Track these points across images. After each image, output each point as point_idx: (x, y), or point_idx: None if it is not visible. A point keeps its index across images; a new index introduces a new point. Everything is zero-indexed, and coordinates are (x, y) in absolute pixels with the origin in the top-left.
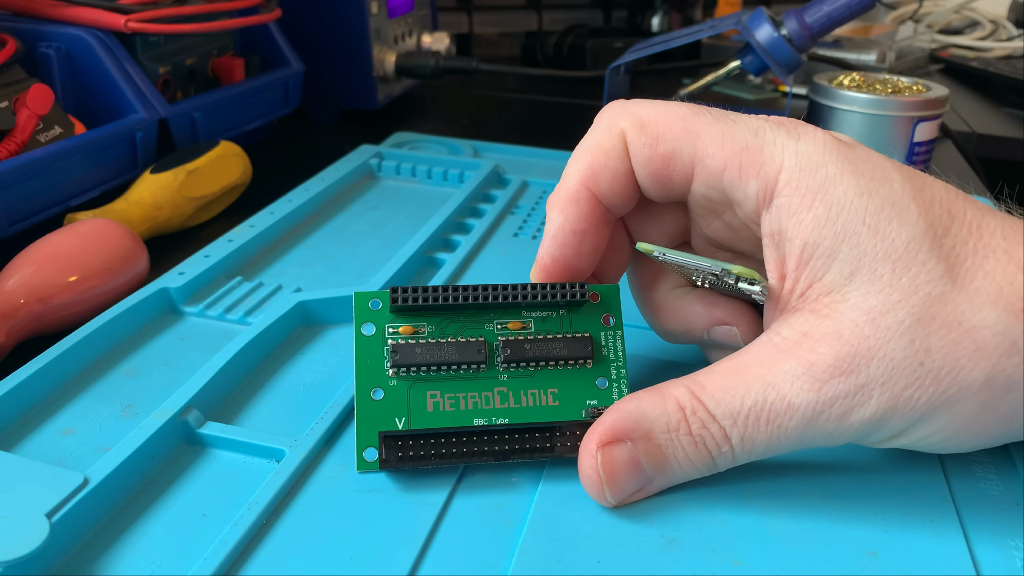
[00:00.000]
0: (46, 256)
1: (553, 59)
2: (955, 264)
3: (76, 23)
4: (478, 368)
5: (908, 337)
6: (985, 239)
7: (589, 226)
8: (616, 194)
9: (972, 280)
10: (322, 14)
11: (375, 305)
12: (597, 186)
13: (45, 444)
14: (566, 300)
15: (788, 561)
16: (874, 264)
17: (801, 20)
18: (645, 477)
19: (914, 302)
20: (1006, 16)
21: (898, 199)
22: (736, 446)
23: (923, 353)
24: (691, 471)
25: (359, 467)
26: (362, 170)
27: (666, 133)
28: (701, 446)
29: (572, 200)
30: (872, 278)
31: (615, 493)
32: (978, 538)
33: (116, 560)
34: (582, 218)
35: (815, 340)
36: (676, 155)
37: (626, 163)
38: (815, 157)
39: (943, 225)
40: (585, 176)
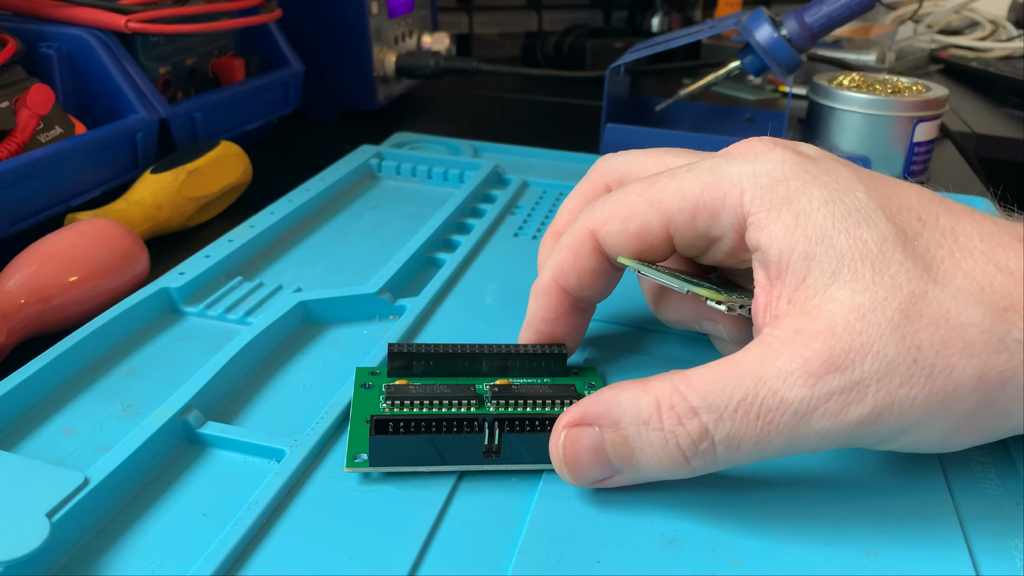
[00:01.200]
0: (47, 256)
1: (553, 59)
2: (932, 265)
3: (76, 23)
4: (468, 404)
5: (899, 334)
6: (961, 242)
7: (559, 315)
8: (584, 287)
9: (952, 280)
10: (322, 14)
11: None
12: (566, 281)
13: (45, 444)
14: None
15: (788, 561)
16: (854, 263)
17: (801, 20)
18: (610, 466)
19: (900, 299)
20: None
21: (863, 206)
22: (719, 444)
23: (915, 350)
24: (660, 469)
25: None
26: (362, 170)
27: (630, 214)
28: (672, 444)
29: (543, 292)
30: (855, 277)
31: (574, 475)
32: (978, 538)
33: (116, 560)
34: (551, 309)
35: (808, 337)
36: (647, 226)
37: (595, 260)
38: (774, 174)
39: (914, 230)
40: (556, 272)
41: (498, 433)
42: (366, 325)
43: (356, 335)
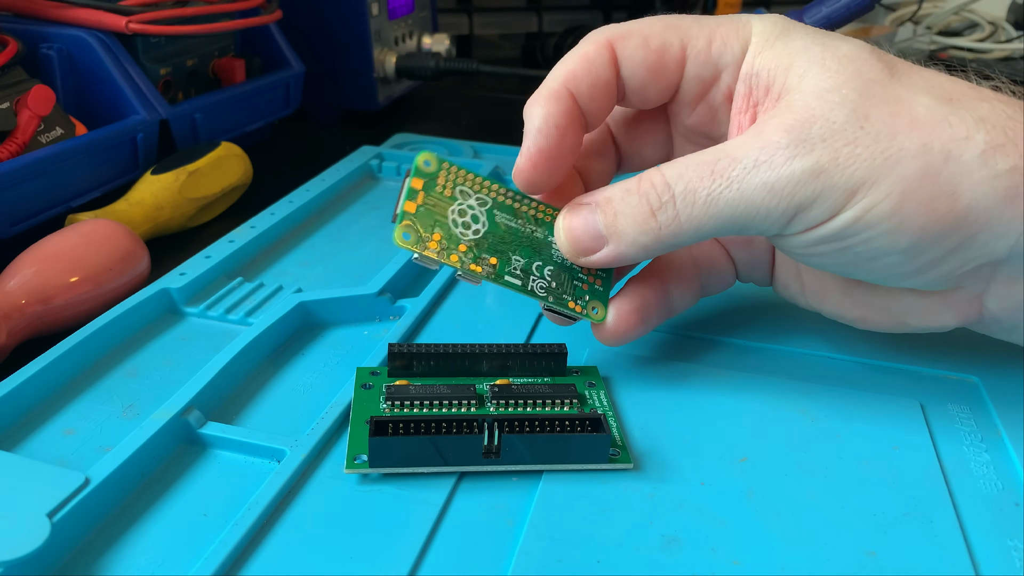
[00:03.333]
0: (47, 257)
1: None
2: (893, 68)
3: (77, 24)
4: (468, 404)
5: (850, 107)
6: (916, 71)
7: (569, 123)
8: (594, 98)
9: (910, 79)
10: (323, 15)
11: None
12: (578, 88)
13: (46, 444)
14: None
15: (787, 561)
16: (824, 61)
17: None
18: (599, 235)
19: (859, 83)
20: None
21: (842, 39)
22: (678, 197)
23: (863, 119)
24: (636, 230)
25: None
26: (363, 171)
27: (652, 32)
28: (643, 201)
29: (554, 98)
30: (822, 69)
31: (570, 244)
32: (977, 538)
33: (117, 560)
34: (563, 115)
35: (769, 118)
36: (667, 46)
37: (609, 71)
38: (775, 20)
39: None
40: (567, 78)
41: (497, 434)
42: (366, 325)
43: (356, 335)
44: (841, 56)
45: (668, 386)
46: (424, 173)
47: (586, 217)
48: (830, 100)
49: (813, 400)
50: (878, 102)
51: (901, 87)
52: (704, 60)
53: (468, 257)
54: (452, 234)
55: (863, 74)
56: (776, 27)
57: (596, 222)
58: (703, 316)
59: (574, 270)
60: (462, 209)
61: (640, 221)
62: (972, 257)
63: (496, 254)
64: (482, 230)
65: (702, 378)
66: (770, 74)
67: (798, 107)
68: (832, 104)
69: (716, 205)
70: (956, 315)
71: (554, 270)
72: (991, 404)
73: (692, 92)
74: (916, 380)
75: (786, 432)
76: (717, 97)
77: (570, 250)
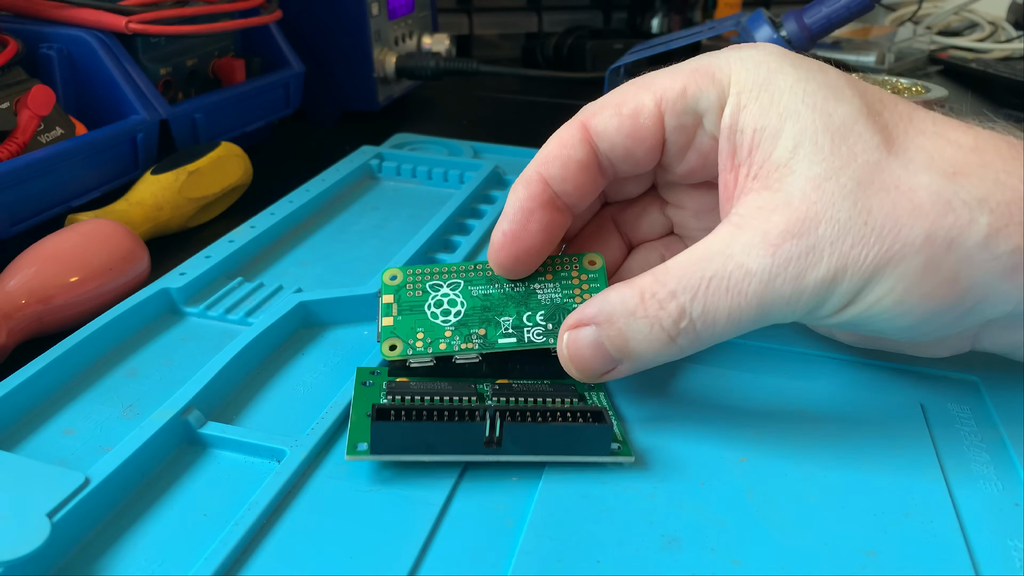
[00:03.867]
0: (47, 257)
1: (553, 60)
2: (889, 136)
3: (77, 24)
4: (470, 399)
5: (851, 200)
6: (916, 124)
7: (536, 205)
8: (567, 179)
9: (906, 151)
10: (323, 15)
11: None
12: (548, 171)
13: (46, 444)
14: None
15: (787, 561)
16: (815, 136)
17: (800, 21)
18: (609, 358)
19: (854, 168)
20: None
21: (834, 84)
22: (697, 319)
23: (866, 213)
24: (654, 353)
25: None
26: (362, 171)
27: (623, 98)
28: (657, 327)
29: (524, 183)
30: (815, 149)
31: (580, 371)
32: (977, 538)
33: (117, 560)
34: (530, 198)
35: (768, 211)
36: (640, 107)
37: (581, 150)
38: (757, 58)
39: (877, 108)
40: (539, 163)
41: (499, 423)
42: (366, 325)
43: (356, 335)
44: (834, 130)
45: (668, 386)
46: (392, 287)
47: (593, 342)
48: (829, 190)
49: (813, 400)
50: (878, 190)
51: (900, 166)
52: (681, 109)
53: (456, 340)
54: (434, 326)
55: (859, 156)
56: (759, 71)
57: (604, 345)
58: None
59: (567, 305)
60: (437, 300)
61: (658, 347)
62: (970, 323)
63: (483, 324)
64: (462, 310)
65: (702, 378)
66: (755, 135)
67: (797, 200)
68: (832, 196)
69: (738, 322)
70: (949, 349)
71: (546, 312)
72: (991, 404)
73: (678, 142)
74: (916, 380)
75: (786, 432)
76: (704, 141)
77: (581, 376)
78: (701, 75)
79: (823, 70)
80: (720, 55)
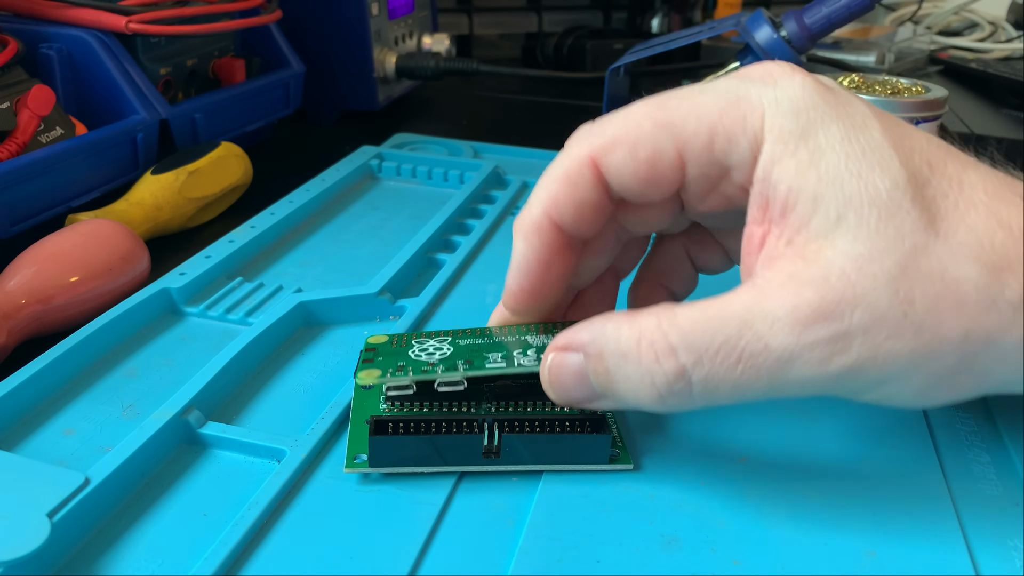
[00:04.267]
0: (47, 257)
1: (553, 60)
2: (937, 216)
3: (77, 24)
4: (468, 408)
5: (894, 287)
6: (967, 193)
7: (553, 256)
8: (580, 222)
9: (955, 234)
10: (323, 15)
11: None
12: (560, 216)
13: (46, 444)
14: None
15: (787, 561)
16: (861, 209)
17: (800, 21)
18: (591, 390)
19: (900, 252)
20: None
21: (878, 147)
22: (696, 384)
23: (907, 304)
24: (636, 401)
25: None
26: (362, 171)
27: (640, 138)
28: (647, 381)
29: (535, 230)
30: (859, 223)
31: (558, 395)
32: (977, 538)
33: (117, 560)
34: (546, 248)
35: (801, 284)
36: (659, 153)
37: (594, 192)
38: (796, 102)
39: (923, 176)
40: (548, 206)
41: (498, 434)
42: (366, 326)
43: (356, 336)
44: (881, 205)
45: None
46: (375, 344)
47: (577, 371)
48: (871, 273)
49: (813, 400)
50: (923, 278)
51: (947, 252)
52: (707, 161)
53: (439, 368)
54: (417, 361)
55: (905, 237)
56: (798, 120)
57: (588, 377)
58: None
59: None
60: (423, 347)
61: (643, 399)
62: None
63: (470, 357)
64: (448, 352)
65: None
66: (791, 195)
67: (835, 278)
68: (874, 280)
69: (741, 396)
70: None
71: (537, 349)
72: (992, 405)
73: (699, 189)
74: None
75: (786, 432)
76: (729, 190)
77: (559, 401)
78: (730, 119)
79: (866, 126)
80: (752, 88)
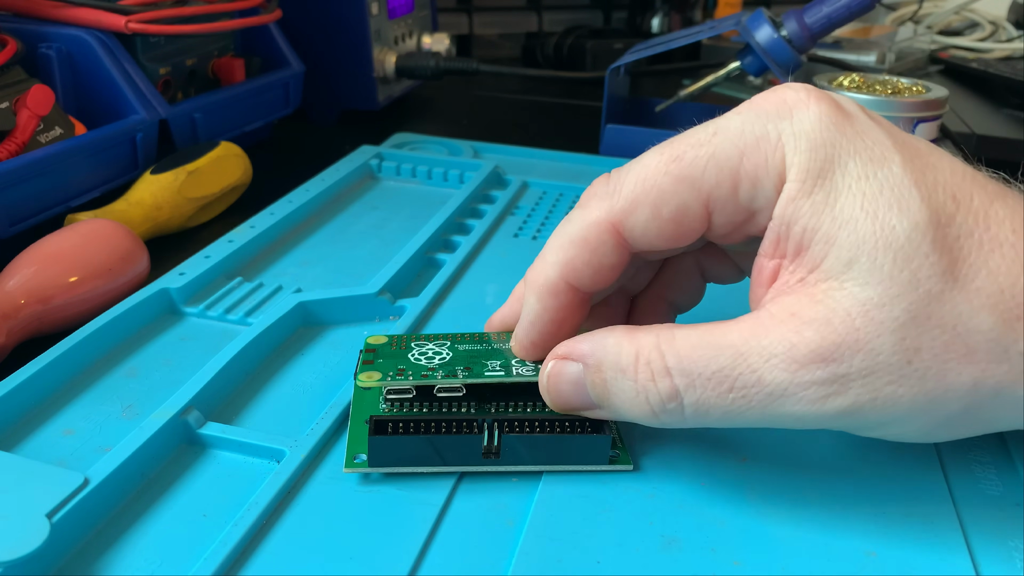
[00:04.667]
0: (47, 256)
1: (553, 60)
2: (958, 259)
3: (77, 24)
4: (468, 405)
5: (899, 334)
6: (992, 230)
7: (567, 315)
8: (597, 283)
9: (975, 279)
10: (322, 15)
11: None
12: (578, 280)
13: (46, 444)
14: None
15: (788, 561)
16: (874, 253)
17: (801, 21)
18: (588, 400)
19: (912, 299)
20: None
21: (898, 184)
22: (688, 407)
23: (912, 352)
24: (631, 415)
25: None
26: (362, 171)
27: (660, 197)
28: (642, 398)
29: (551, 292)
30: (872, 268)
31: (555, 403)
32: (978, 539)
33: (116, 560)
34: (561, 309)
35: (802, 323)
36: (684, 209)
37: (614, 256)
38: (813, 136)
39: (947, 213)
40: (566, 271)
41: (497, 434)
42: (366, 326)
43: (356, 336)
44: (897, 248)
45: None
46: (374, 344)
47: (575, 380)
48: (877, 320)
49: None
50: (932, 327)
51: (963, 300)
52: (733, 209)
53: (439, 373)
54: (417, 365)
55: (920, 282)
56: (816, 157)
57: (585, 387)
58: (708, 318)
59: None
60: (423, 351)
61: (638, 413)
62: None
63: (469, 363)
64: (447, 357)
65: None
66: (805, 236)
67: (838, 322)
68: (879, 327)
69: (733, 422)
70: None
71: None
72: None
73: (723, 231)
74: None
75: (786, 432)
76: (754, 229)
77: (557, 408)
78: (752, 163)
79: (885, 160)
80: (768, 125)
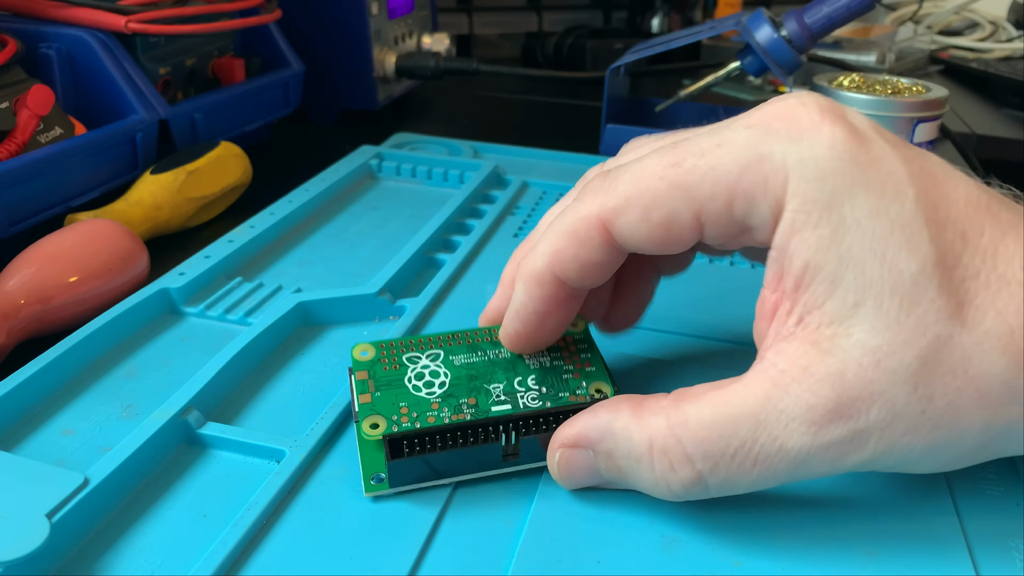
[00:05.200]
0: (47, 256)
1: (553, 60)
2: (964, 301)
3: (76, 24)
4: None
5: (912, 383)
6: (1000, 269)
7: (552, 307)
8: (584, 279)
9: (983, 321)
10: (322, 15)
11: None
12: (565, 273)
13: (45, 444)
14: None
15: (788, 561)
16: (880, 297)
17: (801, 21)
18: (604, 480)
19: (921, 345)
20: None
21: (909, 221)
22: (713, 487)
23: (926, 401)
24: (652, 492)
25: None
26: (362, 171)
27: (652, 201)
28: (663, 484)
29: (537, 282)
30: (878, 313)
31: (571, 486)
32: (978, 539)
33: (116, 560)
34: (545, 300)
35: (816, 380)
36: (674, 217)
37: (602, 253)
38: (823, 164)
39: (954, 253)
40: (553, 263)
41: (515, 435)
42: (366, 326)
43: (356, 336)
44: (904, 292)
45: (671, 385)
46: (365, 363)
47: (588, 466)
48: (890, 369)
49: None
50: (944, 373)
51: (972, 343)
52: (725, 222)
53: (446, 412)
54: (419, 399)
55: (928, 328)
56: (822, 188)
57: (599, 472)
58: (711, 319)
59: (558, 367)
60: (418, 372)
61: (657, 494)
62: None
63: (472, 392)
64: (446, 380)
65: (704, 378)
66: (807, 272)
67: (851, 375)
68: (892, 375)
69: (758, 488)
70: None
71: (537, 376)
72: None
73: (717, 242)
74: None
75: None
76: (749, 242)
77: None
78: (749, 181)
79: (899, 195)
80: (775, 145)
